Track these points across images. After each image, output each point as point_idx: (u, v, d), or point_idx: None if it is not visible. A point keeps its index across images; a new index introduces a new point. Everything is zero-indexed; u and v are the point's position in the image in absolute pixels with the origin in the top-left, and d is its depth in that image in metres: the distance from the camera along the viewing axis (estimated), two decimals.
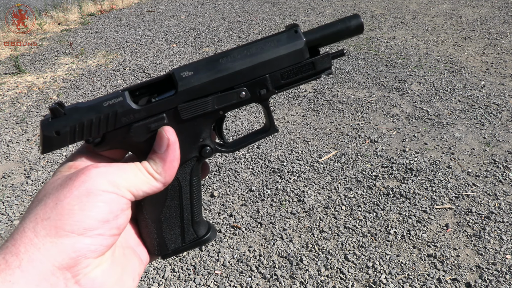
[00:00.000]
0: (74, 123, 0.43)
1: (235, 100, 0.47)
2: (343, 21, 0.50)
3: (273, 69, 0.47)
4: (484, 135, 3.18)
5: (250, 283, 2.00)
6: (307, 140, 3.26)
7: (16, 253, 0.33)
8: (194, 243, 0.49)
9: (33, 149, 3.35)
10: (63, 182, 0.38)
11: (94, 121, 0.43)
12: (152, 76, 4.77)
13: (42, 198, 0.37)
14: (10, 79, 4.91)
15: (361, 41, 5.71)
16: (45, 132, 0.43)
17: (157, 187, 0.43)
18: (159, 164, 0.42)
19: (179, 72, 0.45)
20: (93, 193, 0.37)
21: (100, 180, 0.38)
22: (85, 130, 0.43)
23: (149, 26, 7.12)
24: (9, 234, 2.24)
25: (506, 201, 2.44)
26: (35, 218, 0.35)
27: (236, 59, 0.47)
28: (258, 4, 8.54)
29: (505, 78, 4.23)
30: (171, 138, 0.43)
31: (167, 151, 0.43)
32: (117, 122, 0.44)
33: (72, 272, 0.35)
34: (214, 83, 0.46)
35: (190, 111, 0.45)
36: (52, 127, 0.43)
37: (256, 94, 0.48)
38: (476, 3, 7.56)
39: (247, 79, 0.47)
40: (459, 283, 1.93)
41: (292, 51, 0.48)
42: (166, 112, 0.45)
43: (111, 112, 0.43)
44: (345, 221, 2.36)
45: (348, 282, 1.97)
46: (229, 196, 2.64)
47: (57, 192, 0.37)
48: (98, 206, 0.36)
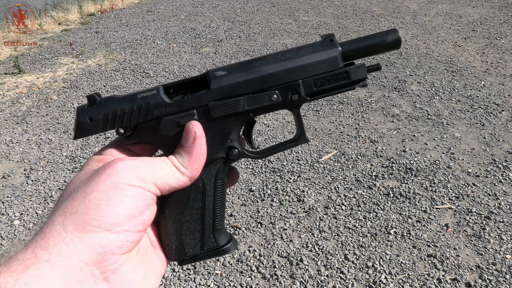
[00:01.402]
0: (107, 111, 0.44)
1: (266, 102, 0.47)
2: (381, 35, 0.50)
3: (306, 74, 0.47)
4: (484, 135, 3.19)
5: (250, 283, 2.00)
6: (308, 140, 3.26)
7: (46, 247, 0.33)
8: (213, 252, 0.48)
9: (33, 149, 3.35)
10: (91, 175, 0.38)
11: (127, 111, 0.44)
12: (152, 76, 4.78)
13: (71, 192, 0.38)
14: (10, 79, 4.91)
15: None
16: (79, 118, 0.44)
17: (183, 181, 0.42)
18: (185, 157, 0.43)
19: (213, 72, 0.46)
20: (119, 187, 0.37)
21: (127, 174, 0.38)
22: (118, 119, 0.44)
23: (149, 26, 7.12)
24: (10, 235, 2.23)
25: (506, 201, 2.44)
26: (64, 212, 0.35)
27: (270, 63, 0.47)
28: (258, 4, 8.54)
29: (505, 78, 4.23)
30: (198, 132, 0.43)
31: (194, 145, 0.43)
32: (148, 114, 0.44)
33: (100, 268, 0.35)
34: (247, 83, 0.46)
35: (221, 109, 0.46)
36: (87, 114, 0.44)
37: (287, 98, 0.48)
38: (476, 3, 7.56)
39: (280, 82, 0.47)
40: (459, 283, 1.93)
41: (327, 58, 0.47)
42: (197, 108, 0.45)
43: (144, 103, 0.44)
44: (345, 221, 2.37)
45: (348, 282, 1.97)
46: (229, 196, 2.64)
47: (85, 186, 0.37)
48: (124, 201, 0.36)
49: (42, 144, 3.42)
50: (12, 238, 2.38)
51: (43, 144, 3.42)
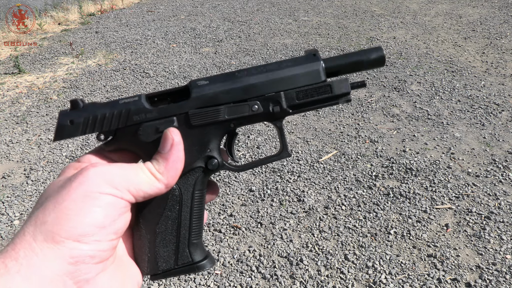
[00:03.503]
0: (88, 114, 0.45)
1: (247, 112, 0.47)
2: (365, 52, 0.51)
3: (288, 86, 0.47)
4: (484, 135, 3.19)
5: (250, 283, 2.00)
6: (307, 140, 3.26)
7: (16, 258, 0.33)
8: (187, 268, 0.47)
9: (33, 149, 3.35)
10: (63, 183, 0.37)
11: (108, 116, 0.45)
12: (151, 76, 4.78)
13: (43, 201, 0.37)
14: (10, 79, 4.91)
15: (361, 41, 5.71)
16: (60, 121, 0.45)
17: (159, 188, 0.41)
18: (162, 163, 0.42)
19: (195, 81, 0.47)
20: (89, 196, 0.36)
21: (98, 181, 0.37)
22: (98, 123, 0.45)
23: (149, 26, 7.12)
24: (10, 235, 2.23)
25: (506, 201, 2.44)
26: (34, 222, 0.35)
27: (252, 74, 0.47)
28: (258, 4, 8.53)
29: (505, 78, 4.23)
30: (176, 138, 0.43)
31: (171, 151, 0.42)
32: (129, 119, 0.45)
33: (73, 278, 0.34)
34: (228, 93, 0.46)
35: (201, 117, 0.46)
36: (68, 117, 0.45)
37: (269, 110, 0.47)
38: (476, 3, 7.56)
39: (261, 93, 0.47)
40: (459, 283, 1.93)
41: (309, 70, 0.48)
42: (177, 116, 0.45)
43: (125, 109, 0.45)
44: (345, 221, 2.37)
45: (348, 282, 1.97)
46: (229, 196, 2.64)
47: (57, 194, 0.36)
48: (94, 211, 0.35)
49: (42, 144, 3.42)
50: (12, 238, 2.38)
51: (43, 144, 3.42)
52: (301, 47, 5.52)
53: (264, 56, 5.26)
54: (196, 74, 4.75)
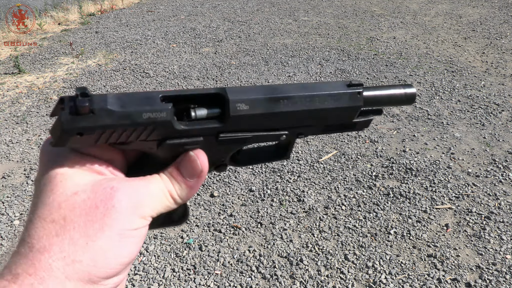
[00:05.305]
0: (102, 128, 0.35)
1: (271, 140, 0.44)
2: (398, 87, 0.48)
3: (324, 122, 0.45)
4: (484, 135, 3.19)
5: (250, 283, 2.00)
6: (307, 140, 3.26)
7: None
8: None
9: (33, 149, 3.35)
10: (89, 210, 0.33)
11: (127, 132, 0.36)
12: (152, 76, 4.78)
13: (62, 223, 0.33)
14: (10, 79, 4.91)
15: (361, 41, 5.71)
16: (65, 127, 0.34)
17: (172, 208, 0.41)
18: (185, 190, 0.40)
19: (235, 103, 0.40)
20: (124, 235, 0.34)
21: (133, 217, 0.35)
22: (113, 137, 0.36)
23: (149, 26, 7.12)
24: (10, 234, 2.20)
25: (506, 201, 2.44)
26: (62, 257, 0.32)
27: (295, 102, 0.43)
28: (258, 4, 8.54)
29: (505, 78, 4.23)
30: (205, 169, 0.40)
31: (197, 181, 0.40)
32: (151, 135, 0.38)
33: None
34: (264, 121, 0.43)
35: (228, 141, 0.43)
36: (76, 125, 0.34)
37: (290, 139, 0.46)
38: (476, 3, 7.56)
39: (296, 124, 0.44)
40: (459, 283, 1.93)
41: (348, 112, 0.45)
42: (205, 136, 0.41)
43: (150, 125, 0.37)
44: (345, 221, 2.37)
45: (348, 282, 1.97)
46: (229, 196, 2.64)
47: (85, 226, 0.33)
48: (132, 249, 0.34)
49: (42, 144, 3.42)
50: (12, 238, 2.38)
51: None
52: (301, 47, 5.52)
53: (264, 56, 5.26)
54: (196, 74, 4.75)
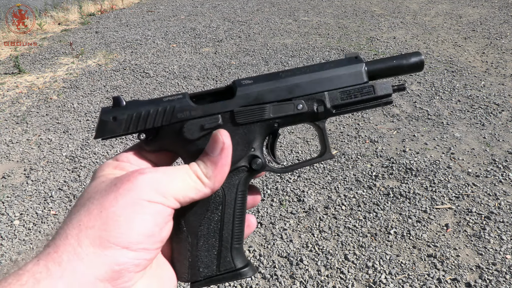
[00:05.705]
0: (132, 111, 0.44)
1: (292, 111, 0.47)
2: (405, 56, 0.51)
3: (332, 86, 0.48)
4: (484, 135, 3.19)
5: (250, 283, 2.00)
6: (307, 140, 3.26)
7: (59, 262, 0.32)
8: (230, 275, 0.45)
9: (33, 149, 3.35)
10: (107, 187, 0.36)
11: (152, 112, 0.44)
12: (152, 76, 4.78)
13: (85, 202, 0.36)
14: (10, 79, 4.91)
15: (361, 41, 5.71)
16: (103, 117, 0.44)
17: (205, 192, 0.41)
18: (210, 167, 0.41)
19: (240, 80, 0.47)
20: (139, 204, 0.35)
21: (147, 189, 0.36)
22: (141, 120, 0.44)
23: (149, 26, 7.12)
24: (10, 234, 2.23)
25: (506, 201, 2.44)
26: (78, 225, 0.34)
27: (296, 74, 0.48)
28: (258, 4, 8.54)
29: (505, 78, 4.23)
30: (226, 141, 0.41)
31: (221, 155, 0.41)
32: (173, 116, 0.44)
33: (114, 285, 0.34)
34: (272, 91, 0.47)
35: (246, 115, 0.46)
36: (111, 113, 0.44)
37: (313, 109, 0.48)
38: (476, 3, 7.56)
39: (306, 93, 0.48)
40: (459, 283, 1.93)
41: (352, 72, 0.48)
42: (222, 114, 0.45)
43: (169, 106, 0.44)
44: (345, 221, 2.37)
45: (348, 282, 1.97)
46: None
47: (102, 198, 0.35)
48: (144, 219, 0.35)
49: (42, 144, 3.42)
50: (12, 238, 2.38)
51: (43, 144, 3.42)
52: (301, 47, 5.52)
53: (264, 56, 5.26)
54: (196, 74, 4.75)
